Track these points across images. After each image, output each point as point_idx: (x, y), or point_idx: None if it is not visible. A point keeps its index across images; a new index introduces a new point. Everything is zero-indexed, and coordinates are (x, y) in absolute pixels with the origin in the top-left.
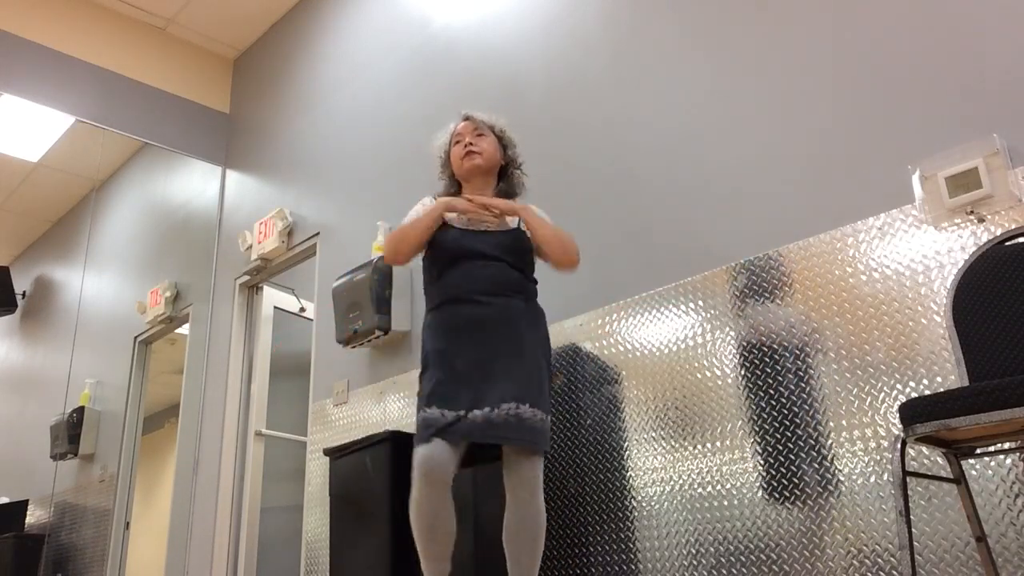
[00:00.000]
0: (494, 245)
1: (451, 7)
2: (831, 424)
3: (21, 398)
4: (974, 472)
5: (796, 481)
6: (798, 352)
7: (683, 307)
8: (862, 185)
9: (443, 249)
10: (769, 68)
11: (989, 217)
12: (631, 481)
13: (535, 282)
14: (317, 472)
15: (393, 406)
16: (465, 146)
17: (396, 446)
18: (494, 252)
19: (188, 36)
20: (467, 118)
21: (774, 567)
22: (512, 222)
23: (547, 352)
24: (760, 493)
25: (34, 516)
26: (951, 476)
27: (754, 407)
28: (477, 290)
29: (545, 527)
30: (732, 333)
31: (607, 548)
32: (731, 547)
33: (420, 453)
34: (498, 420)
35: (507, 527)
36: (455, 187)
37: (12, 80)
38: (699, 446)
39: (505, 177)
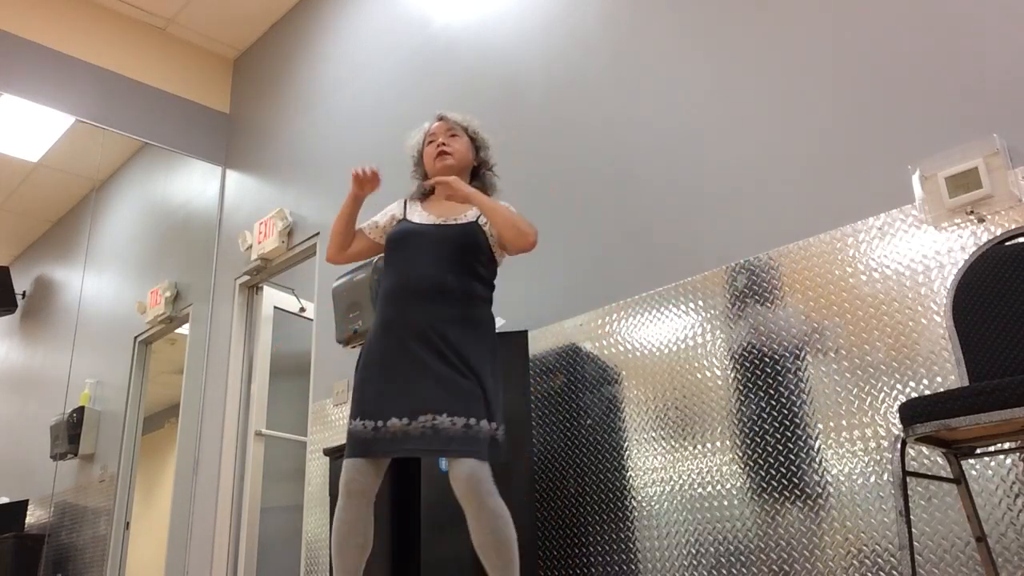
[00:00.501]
0: (440, 241)
1: (451, 7)
2: (831, 424)
3: (21, 398)
4: (974, 472)
5: (796, 481)
6: (798, 352)
7: (683, 307)
8: (862, 185)
9: (387, 242)
10: (769, 68)
11: (989, 217)
12: (631, 481)
13: (484, 280)
14: (317, 472)
15: None
16: (438, 146)
17: None
18: (438, 250)
19: (188, 36)
20: (441, 118)
21: (774, 567)
22: (471, 215)
23: (488, 360)
24: (760, 493)
25: (34, 516)
26: (951, 476)
27: (754, 407)
28: (409, 289)
29: (510, 526)
30: (732, 333)
31: (607, 548)
32: (731, 547)
33: (343, 467)
34: (414, 432)
35: (473, 536)
36: (428, 187)
37: (12, 80)
38: (699, 446)
39: (478, 177)
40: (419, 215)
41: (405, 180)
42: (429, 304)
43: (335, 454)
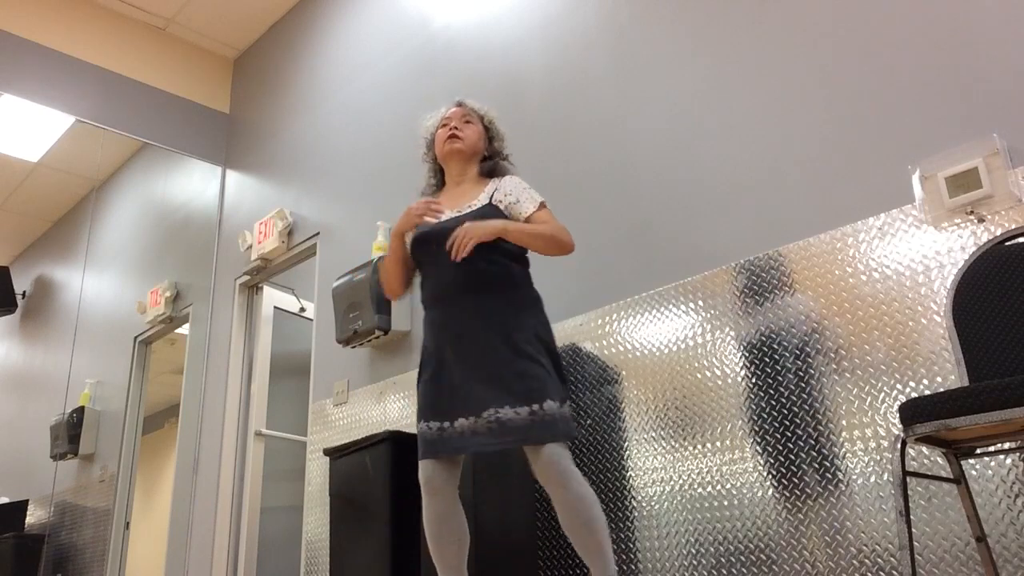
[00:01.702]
0: None
1: (451, 7)
2: (831, 424)
3: (21, 398)
4: (974, 472)
5: (796, 481)
6: (798, 352)
7: (683, 307)
8: (862, 185)
9: (413, 247)
10: (769, 68)
11: (989, 217)
12: (631, 481)
13: (517, 258)
14: (317, 472)
15: (393, 406)
16: (450, 129)
17: (396, 446)
18: None
19: (188, 36)
20: (459, 104)
21: (774, 567)
22: (484, 197)
23: (539, 339)
24: (760, 493)
25: (34, 516)
26: (951, 476)
27: (754, 407)
28: (447, 291)
29: (596, 507)
30: (732, 333)
31: None
32: (731, 547)
33: (420, 469)
34: (481, 429)
35: (561, 521)
36: (438, 174)
37: (12, 80)
38: (699, 446)
39: (487, 166)
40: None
41: (406, 179)
42: (470, 299)
43: (335, 454)
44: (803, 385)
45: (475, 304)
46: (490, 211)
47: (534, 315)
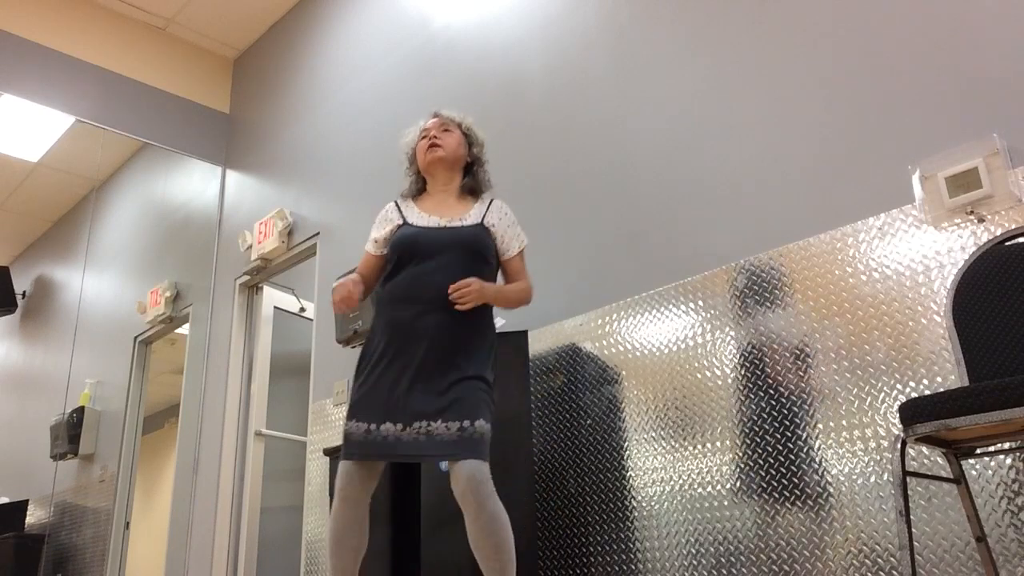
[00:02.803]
0: (451, 245)
1: (451, 7)
2: (831, 424)
3: (21, 398)
4: (974, 472)
5: (796, 481)
6: (798, 352)
7: (683, 307)
8: (862, 185)
9: (394, 248)
10: (769, 68)
11: (989, 217)
12: (631, 481)
13: (492, 282)
14: (317, 472)
15: None
16: (430, 139)
17: None
18: (450, 254)
19: (188, 36)
20: (435, 115)
21: (774, 567)
22: (475, 215)
23: (487, 360)
24: (760, 493)
25: (34, 516)
26: (951, 476)
27: (754, 407)
28: (414, 297)
29: (508, 528)
30: (732, 333)
31: (607, 548)
32: (731, 547)
33: (338, 470)
34: (407, 438)
35: (470, 537)
36: (420, 183)
37: (12, 80)
38: (699, 446)
39: (471, 173)
40: (418, 216)
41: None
42: (438, 309)
43: (335, 454)
44: (803, 385)
45: (443, 315)
46: (482, 232)
47: (489, 335)
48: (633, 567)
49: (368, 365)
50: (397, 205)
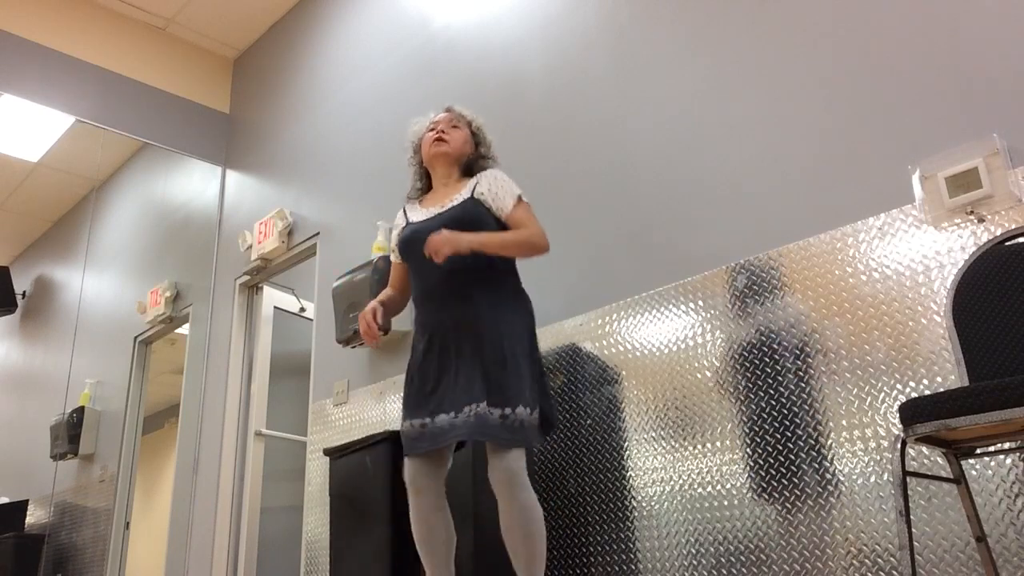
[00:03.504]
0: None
1: (451, 7)
2: (831, 424)
3: (21, 398)
4: (974, 472)
5: (796, 481)
6: (798, 352)
7: (683, 307)
8: (862, 185)
9: (400, 252)
10: (769, 68)
11: (989, 217)
12: (631, 481)
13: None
14: (317, 472)
15: (393, 406)
16: (437, 132)
17: (396, 446)
18: None
19: (188, 36)
20: (448, 109)
21: (774, 567)
22: (465, 192)
23: (521, 339)
24: (760, 493)
25: (34, 516)
26: (951, 476)
27: (754, 407)
28: (432, 291)
29: (539, 521)
30: (732, 333)
31: (607, 548)
32: (731, 547)
33: (405, 468)
34: (459, 422)
35: (502, 524)
36: (423, 179)
37: (12, 80)
38: (699, 446)
39: (471, 170)
40: (419, 213)
41: (406, 180)
42: (456, 298)
43: (335, 454)
44: (803, 385)
45: (459, 306)
46: (472, 205)
47: (519, 315)
48: (633, 567)
49: (415, 365)
50: (404, 210)
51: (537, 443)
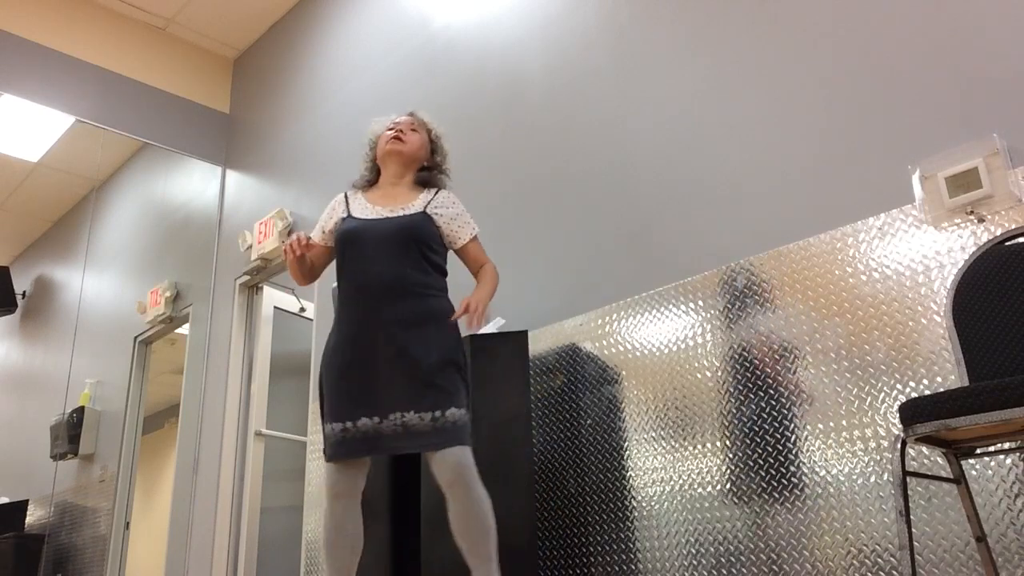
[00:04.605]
0: (392, 235)
1: (451, 7)
2: (831, 424)
3: (21, 398)
4: (974, 472)
5: (796, 481)
6: (798, 352)
7: (683, 307)
8: (862, 185)
9: (337, 243)
10: (769, 68)
11: (989, 217)
12: (631, 481)
13: (440, 270)
14: (317, 472)
15: None
16: (395, 132)
17: None
18: (391, 244)
19: (188, 36)
20: (410, 113)
21: (774, 567)
22: (419, 204)
23: (451, 349)
24: (760, 493)
25: (34, 516)
26: (951, 476)
27: (754, 407)
28: (371, 289)
29: (492, 517)
30: (732, 333)
31: (607, 548)
32: (731, 547)
33: (326, 471)
34: (386, 430)
35: (456, 522)
36: (373, 173)
37: (12, 80)
38: (699, 446)
39: (424, 176)
40: (363, 208)
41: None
42: (390, 301)
43: None
44: (803, 385)
45: (395, 306)
46: (422, 219)
47: (452, 326)
48: (633, 567)
49: (333, 365)
50: (346, 197)
51: (469, 444)
